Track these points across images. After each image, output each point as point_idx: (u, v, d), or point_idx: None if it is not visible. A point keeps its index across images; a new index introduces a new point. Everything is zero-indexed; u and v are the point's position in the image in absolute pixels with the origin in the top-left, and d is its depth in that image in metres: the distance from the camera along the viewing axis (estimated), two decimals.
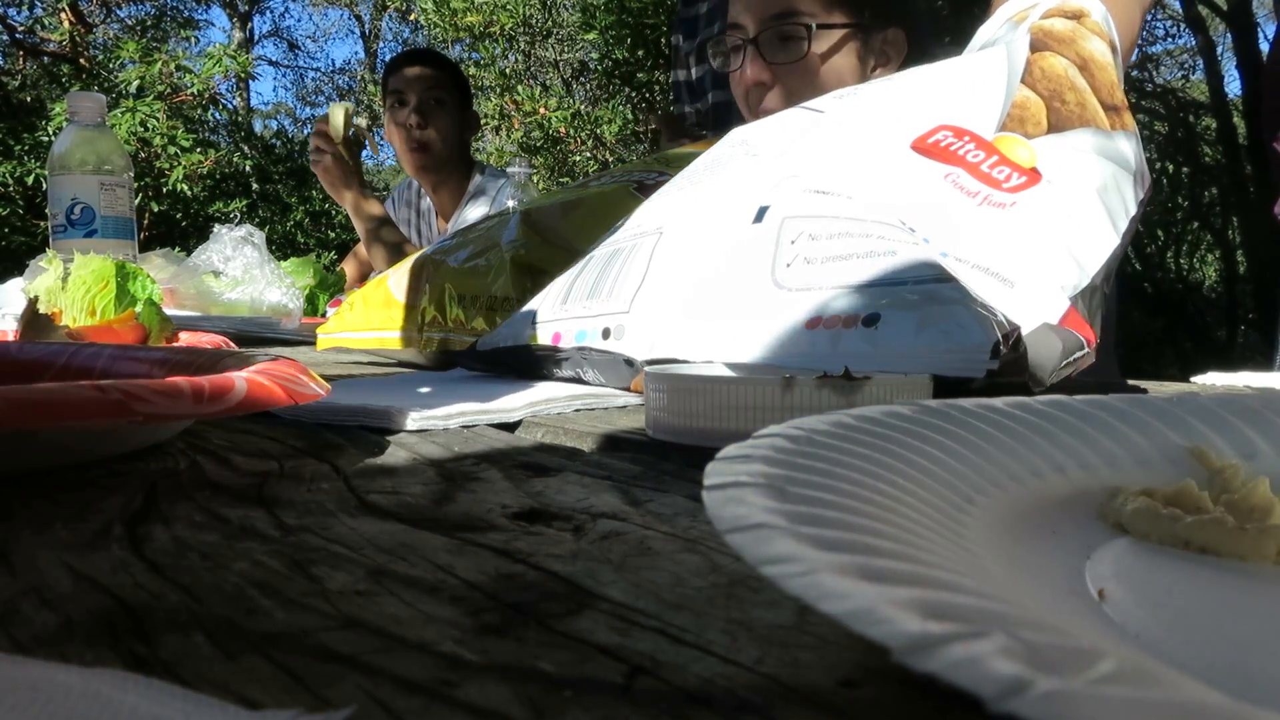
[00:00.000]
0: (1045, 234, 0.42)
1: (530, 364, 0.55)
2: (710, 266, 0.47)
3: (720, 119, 1.52)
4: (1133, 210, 0.46)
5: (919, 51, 1.07)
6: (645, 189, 0.75)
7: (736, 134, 0.56)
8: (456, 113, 1.95)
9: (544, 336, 0.54)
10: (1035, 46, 0.51)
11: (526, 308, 0.57)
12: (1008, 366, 0.38)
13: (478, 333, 0.68)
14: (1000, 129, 0.47)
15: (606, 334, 0.50)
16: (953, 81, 0.51)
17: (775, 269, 0.44)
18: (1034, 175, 0.44)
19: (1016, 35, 0.52)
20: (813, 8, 1.00)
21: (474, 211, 1.92)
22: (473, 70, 5.56)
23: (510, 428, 0.45)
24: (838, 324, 0.41)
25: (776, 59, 1.00)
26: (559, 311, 0.54)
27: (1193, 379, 0.67)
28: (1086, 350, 0.40)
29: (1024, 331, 0.38)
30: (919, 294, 0.40)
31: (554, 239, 0.70)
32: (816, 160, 0.49)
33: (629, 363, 0.49)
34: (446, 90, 1.92)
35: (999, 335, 0.37)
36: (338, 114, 1.76)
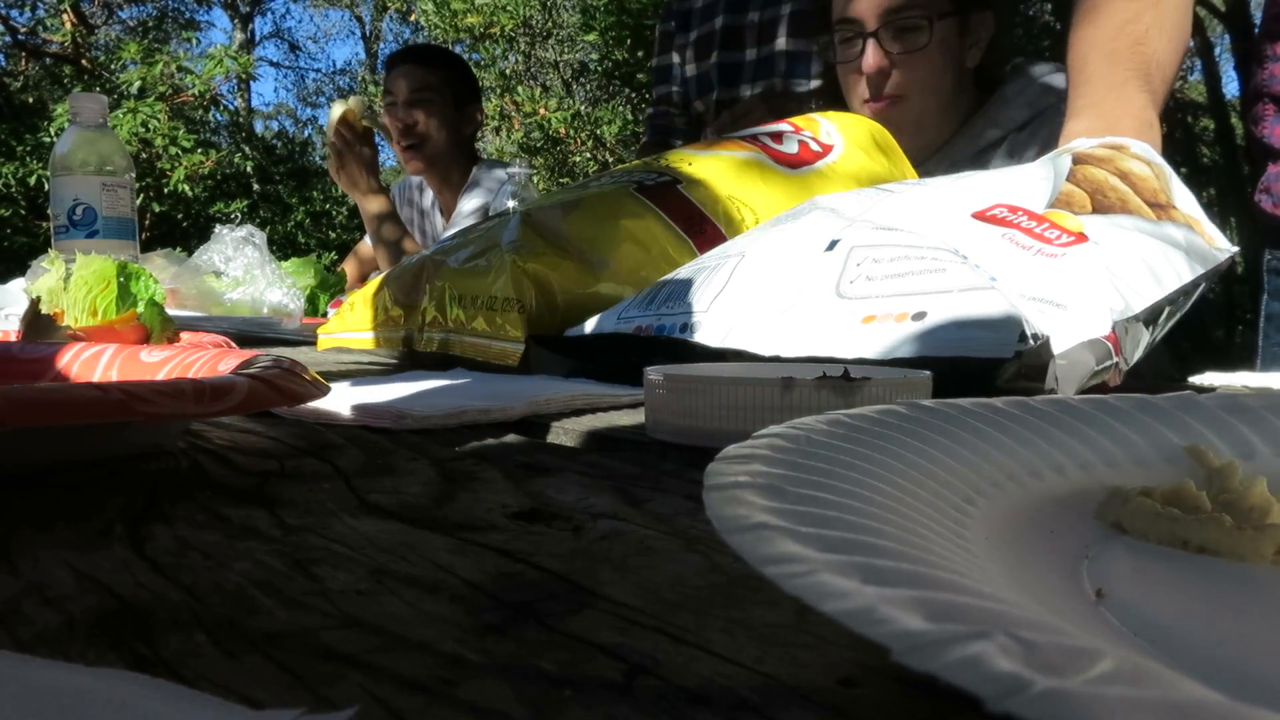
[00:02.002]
0: (1093, 274, 0.46)
1: (611, 350, 0.61)
2: (783, 282, 0.54)
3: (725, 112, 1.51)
4: (1186, 278, 0.50)
5: (1001, 30, 1.13)
6: (645, 189, 0.75)
7: (819, 199, 0.65)
8: (448, 111, 1.93)
9: (627, 329, 0.61)
10: (1077, 160, 0.58)
11: (614, 308, 0.64)
12: (1031, 370, 0.42)
13: (478, 333, 0.67)
14: (1050, 207, 0.53)
15: (684, 328, 0.56)
16: (1008, 176, 0.59)
17: (840, 284, 0.51)
18: (1081, 237, 0.49)
19: (1060, 157, 0.60)
20: None
21: (468, 204, 1.92)
22: (473, 71, 5.56)
23: (510, 428, 0.45)
24: (889, 319, 0.46)
25: (896, 49, 1.06)
26: (644, 310, 0.60)
27: (1190, 379, 0.67)
28: (1114, 361, 0.44)
29: (1063, 349, 0.42)
30: (963, 297, 0.45)
31: (555, 239, 0.70)
32: (888, 214, 0.56)
33: (701, 352, 0.54)
34: (435, 89, 1.91)
35: (1027, 330, 0.41)
36: (337, 110, 1.77)
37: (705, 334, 0.54)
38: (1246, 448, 0.27)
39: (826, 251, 0.53)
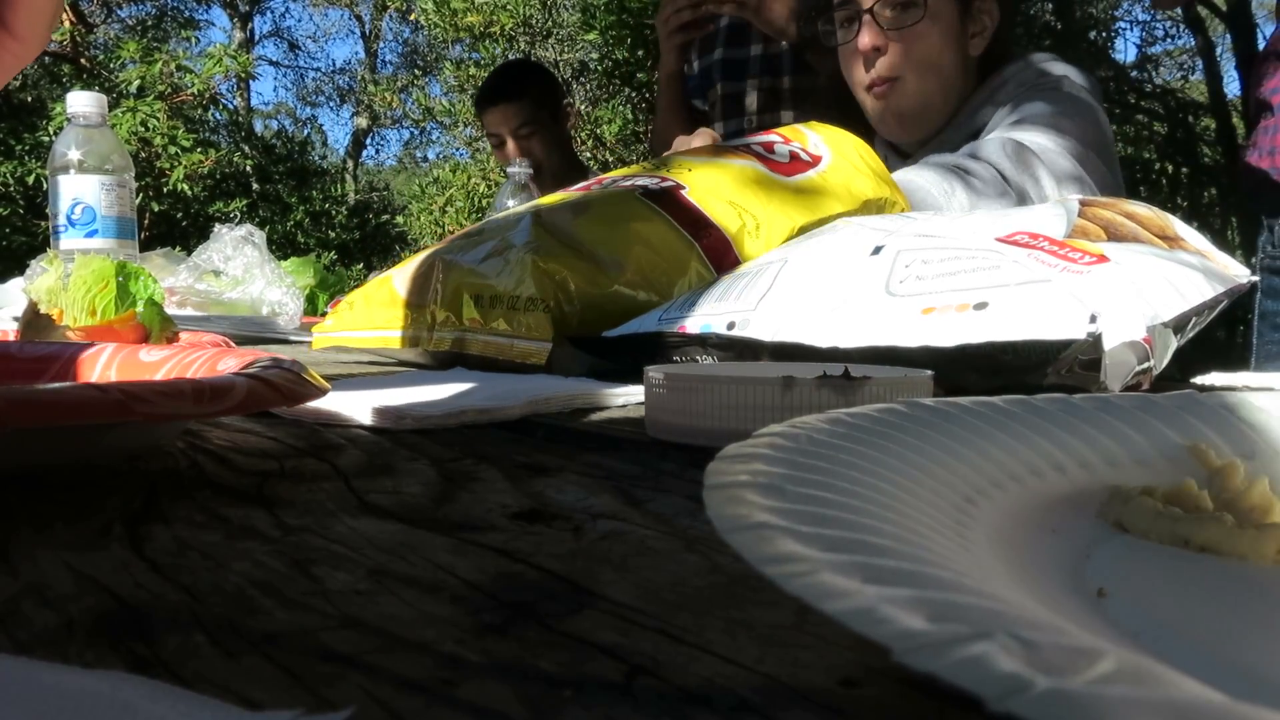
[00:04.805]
0: (1120, 287, 0.48)
1: (652, 349, 0.61)
2: (831, 282, 0.55)
3: (729, 110, 1.51)
4: (1208, 294, 0.51)
5: (1009, 25, 1.14)
6: (650, 194, 0.75)
7: (844, 219, 0.67)
8: (552, 127, 1.98)
9: (670, 330, 0.61)
10: (1083, 204, 0.60)
11: (652, 311, 0.64)
12: (1088, 362, 0.44)
13: (498, 332, 0.68)
14: (1067, 238, 0.55)
15: (731, 326, 0.56)
16: (1023, 212, 0.61)
17: (889, 283, 0.52)
18: (1103, 258, 0.50)
19: (1068, 201, 0.62)
20: None
21: None
22: (473, 70, 5.55)
23: (510, 428, 0.45)
24: (950, 310, 0.48)
25: (892, 25, 1.07)
26: (685, 312, 0.61)
27: (1193, 379, 0.67)
28: (1150, 364, 0.46)
29: (1108, 347, 0.44)
30: (1022, 290, 0.47)
31: (568, 240, 0.70)
32: (921, 229, 0.58)
33: (751, 346, 0.55)
34: (535, 115, 1.95)
35: (1093, 311, 0.44)
36: None
37: (756, 330, 0.55)
38: (1248, 447, 0.27)
39: (872, 255, 0.55)
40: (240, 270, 1.19)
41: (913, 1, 1.06)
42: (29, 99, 7.28)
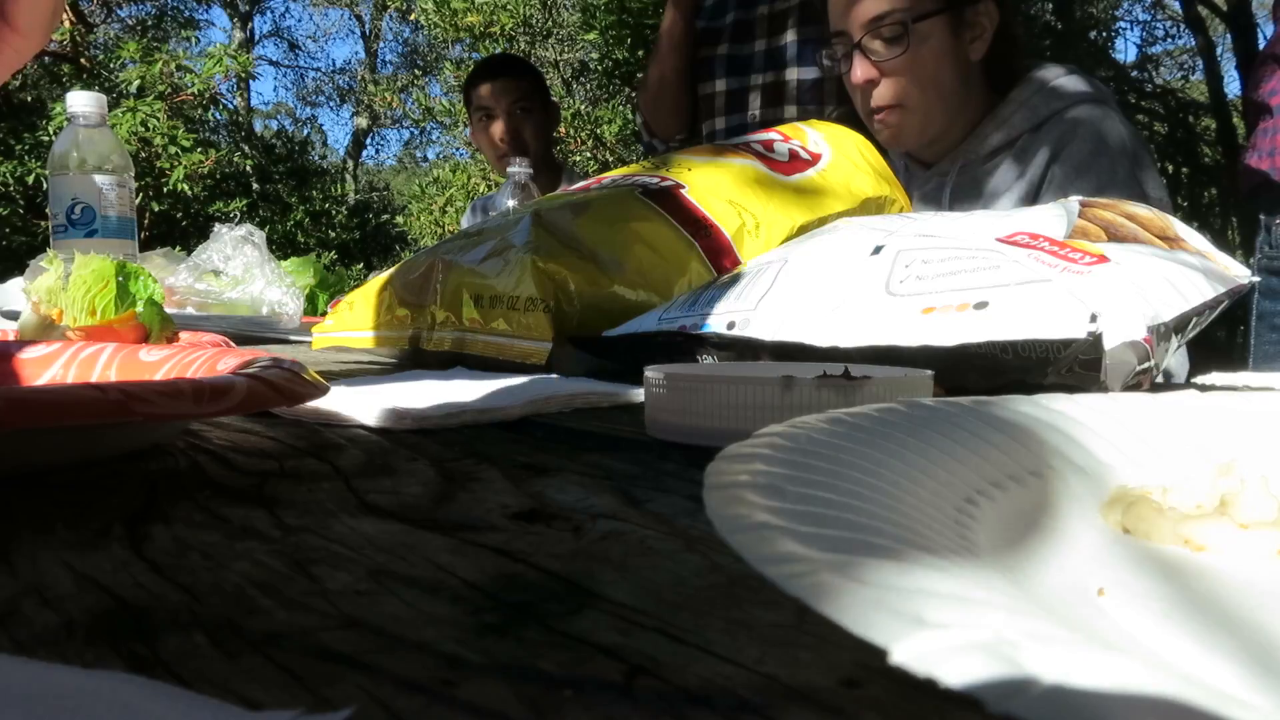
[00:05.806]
0: (1121, 287, 0.48)
1: (652, 349, 0.61)
2: (831, 282, 0.55)
3: (732, 105, 1.52)
4: (1208, 295, 0.51)
5: (1011, 18, 1.12)
6: (649, 193, 0.75)
7: (845, 219, 0.67)
8: (541, 115, 1.96)
9: (671, 329, 0.61)
10: (1083, 205, 0.61)
11: (653, 311, 0.64)
12: (1088, 362, 0.44)
13: (498, 333, 0.68)
14: (1067, 238, 0.56)
15: (731, 325, 0.56)
16: (1023, 212, 0.61)
17: (890, 283, 0.52)
18: (1103, 258, 0.51)
19: (1069, 201, 0.62)
20: (905, 1, 1.05)
21: None
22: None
23: (510, 427, 0.45)
24: (950, 309, 0.48)
25: (881, 58, 1.07)
26: (686, 311, 0.61)
27: (1193, 379, 0.67)
28: (1151, 364, 0.46)
29: (1107, 347, 0.44)
30: (1022, 289, 0.47)
31: (569, 241, 0.70)
32: (922, 229, 0.59)
33: (751, 345, 0.55)
34: (530, 98, 1.93)
35: (1093, 311, 0.45)
36: None
37: (756, 330, 0.55)
38: (1248, 447, 0.27)
39: (872, 255, 0.55)
40: (240, 270, 1.19)
41: (895, 34, 1.05)
42: (29, 99, 7.27)
